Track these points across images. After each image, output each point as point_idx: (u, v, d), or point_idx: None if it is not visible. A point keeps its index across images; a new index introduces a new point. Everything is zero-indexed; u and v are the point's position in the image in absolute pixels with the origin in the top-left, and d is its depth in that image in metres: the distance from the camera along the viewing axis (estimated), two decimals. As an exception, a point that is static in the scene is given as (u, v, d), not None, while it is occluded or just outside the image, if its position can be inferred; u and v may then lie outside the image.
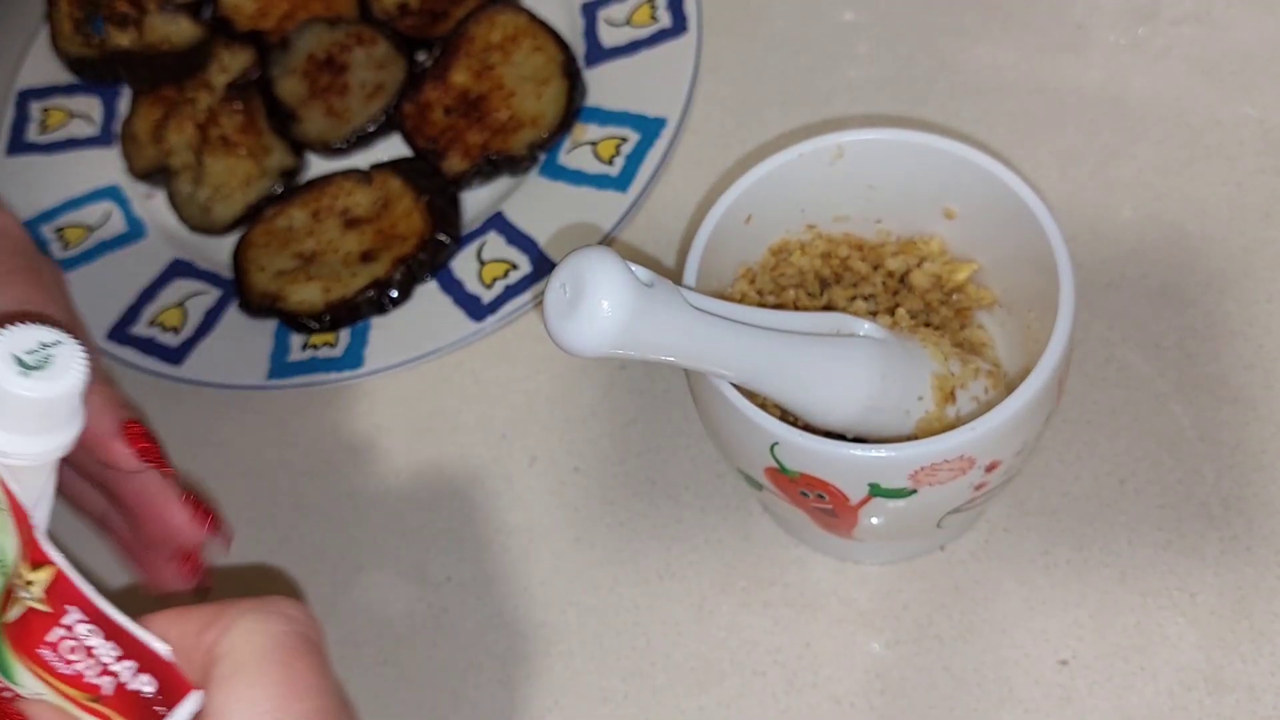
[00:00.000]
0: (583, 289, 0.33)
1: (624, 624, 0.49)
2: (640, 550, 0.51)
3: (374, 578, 0.52)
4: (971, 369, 0.44)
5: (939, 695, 0.46)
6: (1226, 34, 0.59)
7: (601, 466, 0.53)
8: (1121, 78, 0.58)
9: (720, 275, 0.46)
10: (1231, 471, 0.48)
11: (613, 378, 0.55)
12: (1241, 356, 0.50)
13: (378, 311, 0.58)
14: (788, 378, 0.40)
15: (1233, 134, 0.56)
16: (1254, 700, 0.44)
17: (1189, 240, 0.53)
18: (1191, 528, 0.47)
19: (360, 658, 0.50)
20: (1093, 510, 0.48)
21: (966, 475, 0.40)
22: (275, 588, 0.53)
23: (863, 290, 0.48)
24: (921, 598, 0.48)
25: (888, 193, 0.47)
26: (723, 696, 0.47)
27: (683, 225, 0.58)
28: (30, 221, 0.64)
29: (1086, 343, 0.51)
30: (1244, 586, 0.46)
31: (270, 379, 0.57)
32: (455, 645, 0.50)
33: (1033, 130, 0.58)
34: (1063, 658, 0.46)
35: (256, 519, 0.55)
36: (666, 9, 0.63)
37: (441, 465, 0.55)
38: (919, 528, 0.45)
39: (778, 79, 0.62)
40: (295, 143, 0.64)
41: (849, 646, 0.47)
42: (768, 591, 0.49)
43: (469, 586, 0.51)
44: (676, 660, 0.48)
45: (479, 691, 0.49)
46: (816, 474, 0.40)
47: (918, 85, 0.60)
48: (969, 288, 0.47)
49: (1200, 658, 0.45)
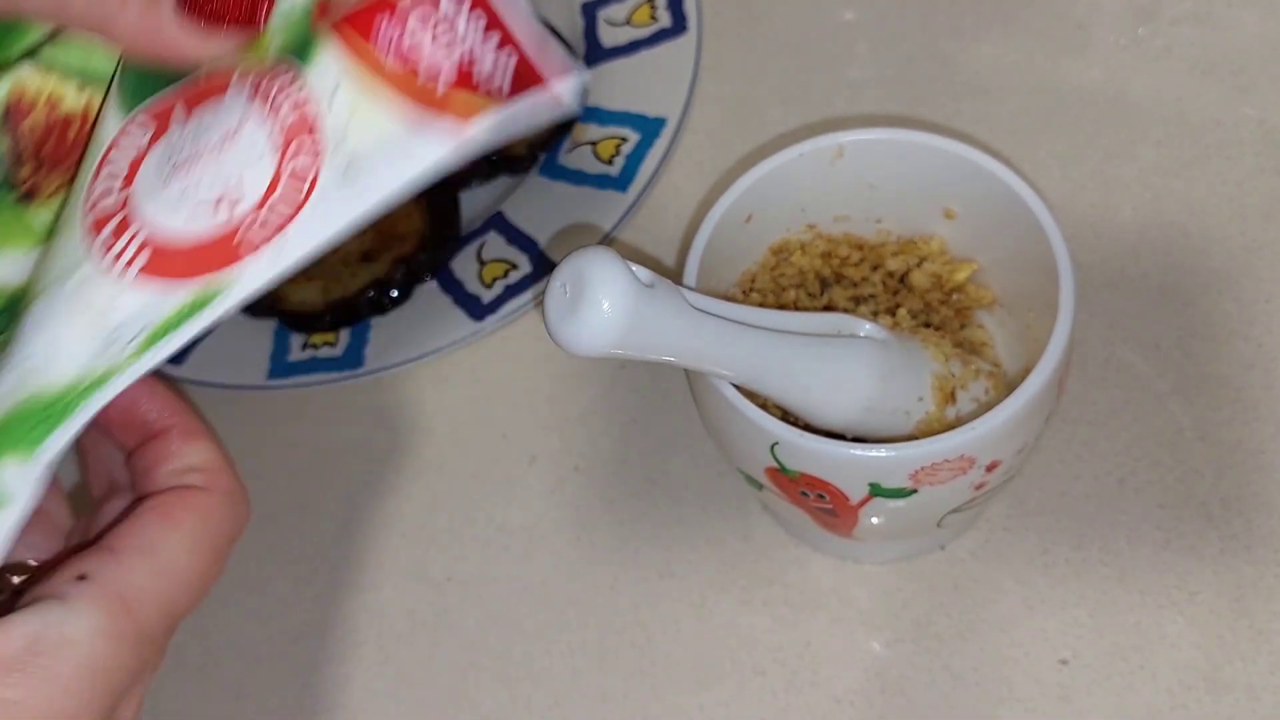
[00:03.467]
0: (583, 289, 0.33)
1: (624, 623, 0.49)
2: (640, 549, 0.51)
3: (374, 577, 0.52)
4: (972, 370, 0.44)
5: (939, 694, 0.46)
6: (1227, 34, 0.59)
7: (602, 466, 0.53)
8: (1122, 78, 0.59)
9: (720, 275, 0.46)
10: (1231, 471, 0.48)
11: (613, 377, 0.55)
12: (1241, 356, 0.50)
13: (378, 311, 0.58)
14: (788, 378, 0.40)
15: (1233, 134, 0.56)
16: (1253, 700, 0.44)
17: (1189, 240, 0.53)
18: (1191, 527, 0.47)
19: (361, 656, 0.50)
20: (1092, 510, 0.48)
21: (967, 475, 0.40)
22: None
23: (863, 290, 0.48)
24: (921, 597, 0.48)
25: (888, 192, 0.47)
26: (723, 695, 0.47)
27: (683, 225, 0.58)
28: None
29: (1086, 343, 0.51)
30: (1243, 586, 0.46)
31: (270, 379, 0.57)
32: (456, 644, 0.50)
33: (1033, 130, 0.58)
34: (1062, 657, 0.46)
35: (256, 519, 0.55)
36: (666, 9, 0.63)
37: (442, 465, 0.55)
38: (919, 527, 0.45)
39: (778, 79, 0.62)
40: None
41: (849, 645, 0.47)
42: (768, 590, 0.49)
43: (469, 585, 0.51)
44: (676, 659, 0.48)
45: (479, 690, 0.49)
46: (817, 474, 0.40)
47: (918, 85, 0.60)
48: (969, 287, 0.47)
49: (1200, 657, 0.45)
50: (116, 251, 0.26)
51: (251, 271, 0.26)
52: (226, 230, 0.26)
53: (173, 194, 0.26)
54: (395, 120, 0.26)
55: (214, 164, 0.26)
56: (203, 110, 0.27)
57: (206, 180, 0.26)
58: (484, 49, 0.27)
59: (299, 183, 0.26)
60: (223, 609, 0.53)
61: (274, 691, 0.51)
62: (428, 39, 0.26)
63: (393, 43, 0.26)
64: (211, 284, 0.26)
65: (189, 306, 0.26)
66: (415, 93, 0.26)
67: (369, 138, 0.26)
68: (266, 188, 0.26)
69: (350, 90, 0.26)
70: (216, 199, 0.26)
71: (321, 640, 0.51)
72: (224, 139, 0.26)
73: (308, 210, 0.26)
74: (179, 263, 0.26)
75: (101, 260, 0.26)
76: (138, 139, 0.27)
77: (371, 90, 0.26)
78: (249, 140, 0.26)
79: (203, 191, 0.26)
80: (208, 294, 0.26)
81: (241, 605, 0.53)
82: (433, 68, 0.26)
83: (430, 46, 0.26)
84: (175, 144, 0.27)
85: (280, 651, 0.51)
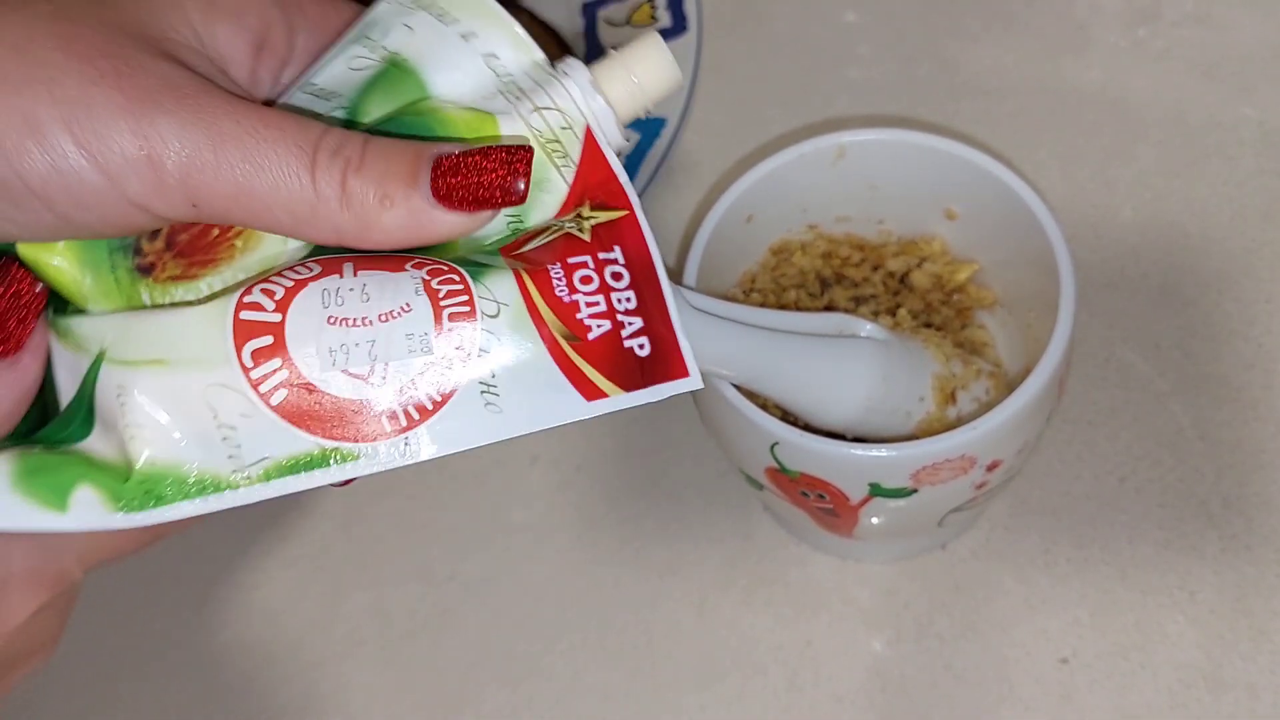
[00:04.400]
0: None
1: (626, 622, 0.49)
2: (642, 548, 0.51)
3: (377, 576, 0.52)
4: (973, 370, 0.44)
5: (940, 693, 0.46)
6: (1227, 35, 0.59)
7: (604, 465, 0.53)
8: (1122, 78, 0.59)
9: (720, 275, 0.46)
10: (1231, 470, 0.48)
11: (614, 377, 0.55)
12: (1241, 356, 0.50)
13: (380, 312, 0.58)
14: (789, 378, 0.40)
15: (1233, 135, 0.56)
16: (1253, 698, 0.44)
17: (1189, 240, 0.54)
18: (1191, 526, 0.47)
19: (363, 656, 0.50)
20: (1093, 509, 0.48)
21: (967, 474, 0.40)
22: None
23: (864, 290, 0.48)
24: (922, 596, 0.48)
25: (889, 193, 0.47)
26: (724, 694, 0.47)
27: (683, 225, 0.58)
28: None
29: (1087, 342, 0.51)
30: (1243, 585, 0.46)
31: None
32: (458, 643, 0.50)
33: (1033, 131, 0.58)
34: (1063, 656, 0.46)
35: (257, 519, 0.55)
36: (666, 9, 0.63)
37: (444, 464, 0.55)
38: (920, 527, 0.45)
39: (778, 79, 0.62)
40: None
41: (850, 645, 0.47)
42: (769, 590, 0.49)
43: (472, 585, 0.51)
44: (678, 658, 0.48)
45: (482, 689, 0.49)
46: (817, 474, 0.40)
47: (919, 86, 0.60)
48: (970, 288, 0.47)
49: (1200, 656, 0.45)
50: (262, 373, 0.27)
51: (380, 454, 0.27)
52: (366, 405, 0.27)
53: (326, 345, 0.27)
54: (542, 370, 0.28)
55: (371, 337, 0.27)
56: (371, 276, 0.27)
57: (362, 349, 0.27)
58: (630, 328, 0.28)
59: (441, 389, 0.27)
60: (223, 608, 0.53)
61: (274, 691, 0.51)
62: (587, 301, 0.28)
63: (562, 299, 0.28)
64: (340, 448, 0.27)
65: (315, 458, 0.27)
66: (564, 352, 0.28)
67: (516, 377, 0.27)
68: (411, 381, 0.27)
69: (510, 322, 0.27)
70: (366, 372, 0.27)
71: (322, 640, 0.51)
72: (387, 318, 0.27)
73: (439, 418, 0.27)
74: (314, 415, 0.27)
75: (243, 375, 0.27)
76: (299, 269, 0.28)
77: (528, 333, 0.28)
78: (408, 329, 0.27)
79: (354, 358, 0.27)
80: (333, 453, 0.27)
81: (242, 605, 0.53)
82: (586, 328, 0.28)
83: (587, 309, 0.28)
84: (336, 294, 0.27)
85: (280, 651, 0.51)
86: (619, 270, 0.29)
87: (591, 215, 0.29)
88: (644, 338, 0.28)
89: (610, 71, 0.31)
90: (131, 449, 0.26)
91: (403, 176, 0.27)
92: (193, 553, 0.55)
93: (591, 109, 0.30)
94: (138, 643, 0.53)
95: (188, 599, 0.53)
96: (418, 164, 0.27)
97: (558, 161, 0.30)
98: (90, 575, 0.56)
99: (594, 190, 0.30)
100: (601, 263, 0.29)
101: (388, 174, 0.27)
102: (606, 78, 0.31)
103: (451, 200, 0.27)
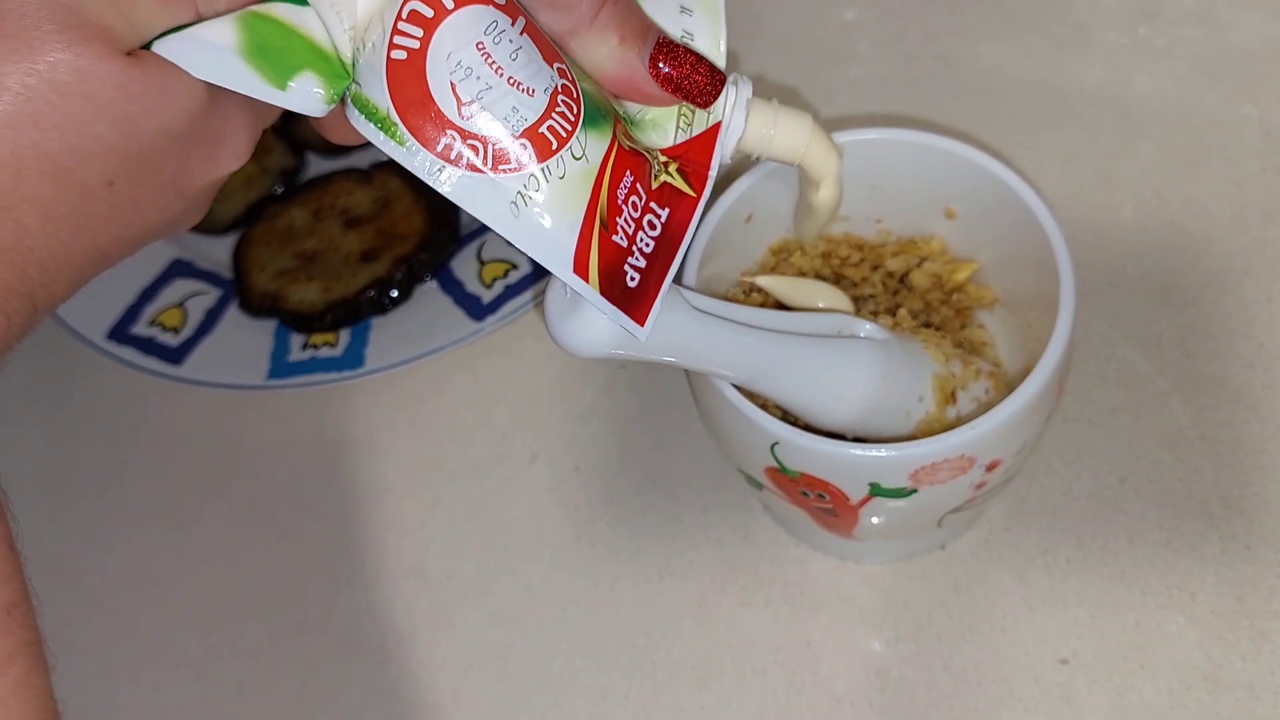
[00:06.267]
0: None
1: (624, 622, 0.49)
2: (640, 548, 0.51)
3: (374, 576, 0.52)
4: (973, 370, 0.44)
5: (939, 694, 0.46)
6: (1227, 34, 0.59)
7: (602, 465, 0.53)
8: (1123, 77, 0.59)
9: (720, 275, 0.46)
10: (1231, 470, 0.48)
11: (613, 376, 0.55)
12: (1241, 356, 0.50)
13: (378, 311, 0.58)
14: (789, 379, 0.40)
15: (1233, 134, 0.56)
16: (1253, 699, 0.44)
17: (1189, 240, 0.53)
18: (1191, 526, 0.47)
19: (361, 655, 0.50)
20: (1093, 509, 0.48)
21: (967, 474, 0.40)
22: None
23: (863, 290, 0.48)
24: (922, 596, 0.48)
25: (889, 192, 0.47)
26: (723, 694, 0.47)
27: (683, 224, 0.58)
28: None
29: (1086, 342, 0.51)
30: (1244, 585, 0.46)
31: (270, 379, 0.57)
32: (456, 643, 0.50)
33: (1034, 130, 0.58)
34: (1063, 656, 0.46)
35: (257, 519, 0.55)
36: (667, 8, 0.63)
37: (442, 464, 0.55)
38: (919, 527, 0.45)
39: (778, 78, 0.62)
40: (295, 142, 0.64)
41: (849, 645, 0.47)
42: (768, 590, 0.49)
43: (470, 584, 0.51)
44: (676, 658, 0.48)
45: (480, 689, 0.49)
46: (817, 474, 0.40)
47: (919, 84, 0.60)
48: (969, 287, 0.47)
49: (1200, 656, 0.45)
50: (404, 30, 0.29)
51: (418, 157, 0.30)
52: (442, 119, 0.29)
53: (459, 59, 0.29)
54: (569, 223, 0.31)
55: (491, 84, 0.30)
56: (528, 45, 0.30)
57: (478, 85, 0.29)
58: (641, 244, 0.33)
59: (496, 163, 0.30)
60: (223, 608, 0.53)
61: (274, 691, 0.51)
62: (628, 215, 0.32)
63: (619, 196, 0.32)
64: (399, 127, 0.30)
65: (381, 118, 0.30)
66: (593, 226, 0.31)
67: (549, 208, 0.31)
68: (484, 138, 0.30)
69: (580, 174, 0.31)
70: (466, 101, 0.29)
71: (322, 640, 0.51)
72: (513, 85, 0.30)
73: (474, 178, 0.30)
74: (407, 90, 0.29)
75: (395, 17, 0.29)
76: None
77: (584, 192, 0.31)
78: (517, 104, 0.30)
79: (467, 86, 0.29)
80: (393, 125, 0.30)
81: (241, 604, 0.53)
82: (616, 229, 0.32)
83: (622, 219, 0.32)
84: (499, 34, 0.30)
85: (280, 651, 0.51)
86: (655, 222, 0.33)
87: (671, 176, 0.34)
88: (638, 275, 0.32)
89: (763, 111, 0.38)
90: (339, 42, 0.30)
91: (639, 33, 0.32)
92: (191, 552, 0.55)
93: (732, 118, 0.36)
94: (137, 642, 0.53)
95: (186, 599, 0.53)
96: (649, 30, 0.33)
97: (682, 123, 0.35)
98: (90, 575, 0.57)
99: (687, 163, 0.34)
100: (650, 207, 0.33)
101: (628, 19, 0.32)
102: (757, 110, 0.37)
103: (658, 74, 0.33)
